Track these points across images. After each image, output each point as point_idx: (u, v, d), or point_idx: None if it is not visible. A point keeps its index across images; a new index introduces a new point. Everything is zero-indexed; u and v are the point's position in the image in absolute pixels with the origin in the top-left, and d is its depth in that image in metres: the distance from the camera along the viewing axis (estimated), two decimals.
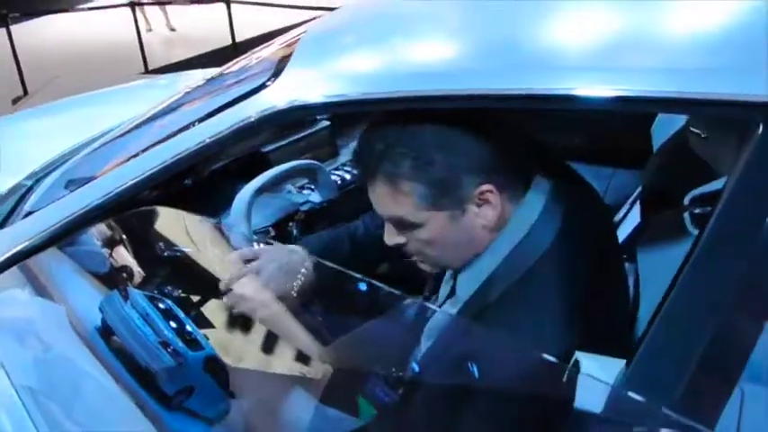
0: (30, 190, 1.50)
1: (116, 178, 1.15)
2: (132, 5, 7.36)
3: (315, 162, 1.61)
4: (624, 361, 0.77)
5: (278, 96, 1.05)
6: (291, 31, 1.44)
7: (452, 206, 0.97)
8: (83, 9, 9.10)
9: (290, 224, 1.55)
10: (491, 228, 0.99)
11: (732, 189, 0.73)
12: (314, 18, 1.87)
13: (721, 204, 0.73)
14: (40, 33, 8.44)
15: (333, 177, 1.72)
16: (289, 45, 1.24)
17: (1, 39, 6.62)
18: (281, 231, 1.53)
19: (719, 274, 0.74)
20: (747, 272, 0.73)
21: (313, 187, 1.65)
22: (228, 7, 7.26)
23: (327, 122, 2.05)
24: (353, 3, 1.55)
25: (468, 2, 1.24)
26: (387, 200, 0.99)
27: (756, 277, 0.73)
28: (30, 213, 1.30)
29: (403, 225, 1.01)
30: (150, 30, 8.75)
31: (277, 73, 1.10)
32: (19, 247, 1.20)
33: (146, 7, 8.76)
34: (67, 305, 1.32)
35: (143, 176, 1.12)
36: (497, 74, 0.96)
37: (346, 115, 1.98)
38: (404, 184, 0.96)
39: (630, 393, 0.75)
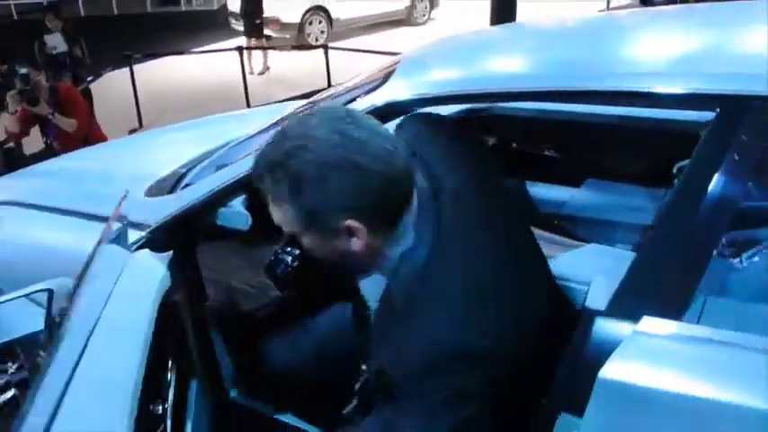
0: (184, 174, 1.92)
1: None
2: (240, 49, 8.10)
3: None
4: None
5: (378, 97, 1.44)
6: (393, 58, 1.82)
7: (322, 231, 1.06)
8: (196, 52, 9.97)
9: None
10: (367, 254, 1.08)
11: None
12: None
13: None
14: (157, 72, 9.31)
15: None
16: (391, 65, 1.63)
17: (124, 77, 7.44)
18: None
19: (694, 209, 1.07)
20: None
21: None
22: (326, 53, 7.90)
23: None
24: (446, 37, 1.94)
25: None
26: (271, 206, 1.08)
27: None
28: (188, 185, 1.73)
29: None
30: (252, 73, 9.47)
31: (381, 84, 1.49)
32: (184, 207, 1.61)
33: (252, 51, 9.56)
34: None
35: None
36: (554, 78, 1.32)
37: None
38: (281, 201, 1.04)
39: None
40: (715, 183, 1.07)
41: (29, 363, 1.97)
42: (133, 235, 1.62)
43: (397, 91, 1.44)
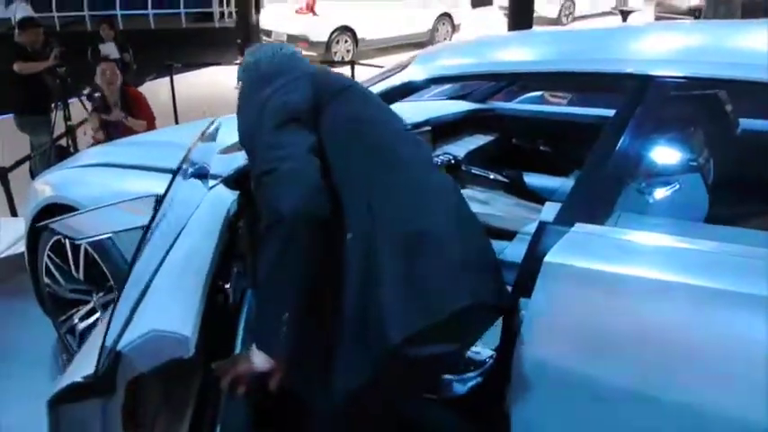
0: None
1: None
2: None
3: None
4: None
5: (396, 79, 1.95)
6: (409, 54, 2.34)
7: None
8: (234, 63, 10.58)
9: None
10: None
11: None
12: None
13: None
14: (193, 81, 9.92)
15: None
16: (408, 60, 2.15)
17: (164, 84, 8.04)
18: None
19: None
20: None
21: None
22: (352, 68, 8.46)
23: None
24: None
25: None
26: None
27: None
28: None
29: None
30: None
31: (400, 71, 2.01)
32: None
33: None
34: None
35: None
36: (552, 62, 1.86)
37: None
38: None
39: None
40: (622, 141, 1.57)
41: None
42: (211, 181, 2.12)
43: (412, 74, 1.95)
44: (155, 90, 8.51)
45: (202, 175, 2.07)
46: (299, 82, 1.58)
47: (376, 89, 1.91)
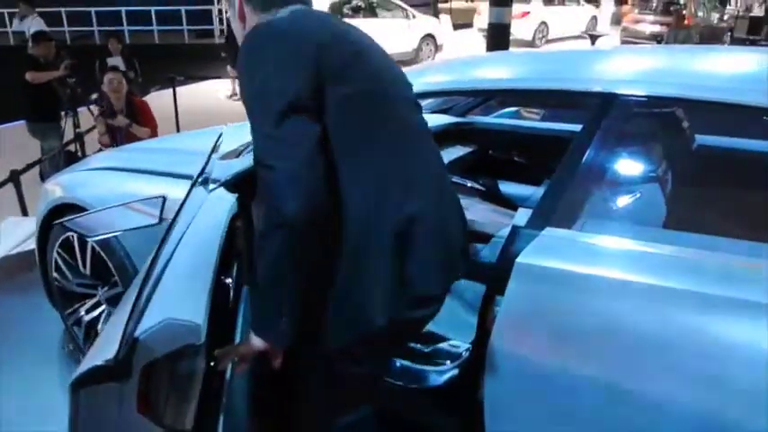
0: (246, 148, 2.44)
1: None
2: None
3: None
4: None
5: None
6: None
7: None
8: (233, 77, 10.58)
9: None
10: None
11: None
12: None
13: None
14: (194, 93, 9.90)
15: None
16: None
17: (167, 95, 8.02)
18: None
19: None
20: None
21: None
22: None
23: None
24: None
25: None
26: None
27: None
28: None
29: None
30: None
31: None
32: (246, 166, 2.13)
33: None
34: None
35: None
36: (526, 80, 1.87)
37: None
38: None
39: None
40: (588, 153, 1.60)
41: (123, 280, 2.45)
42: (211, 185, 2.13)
43: None
44: (158, 100, 8.50)
45: (204, 181, 2.08)
46: (301, 49, 1.29)
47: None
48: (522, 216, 1.66)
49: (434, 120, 3.38)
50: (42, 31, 6.67)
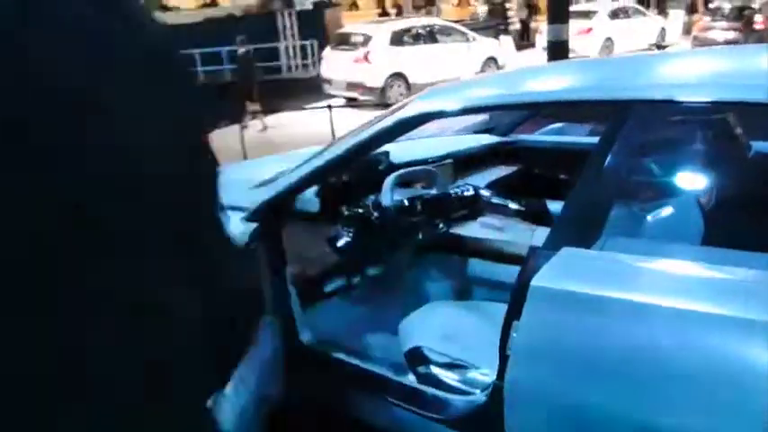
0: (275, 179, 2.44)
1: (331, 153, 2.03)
2: (329, 107, 8.84)
3: (433, 170, 2.43)
4: None
5: (413, 109, 1.90)
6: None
7: None
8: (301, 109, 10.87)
9: (417, 203, 2.34)
10: None
11: None
12: None
13: None
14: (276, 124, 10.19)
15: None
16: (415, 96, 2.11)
17: (235, 129, 8.28)
18: (411, 206, 2.33)
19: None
20: None
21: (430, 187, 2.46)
22: None
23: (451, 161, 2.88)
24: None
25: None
26: None
27: None
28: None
29: None
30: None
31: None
32: (269, 196, 2.12)
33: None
34: None
35: (343, 151, 2.00)
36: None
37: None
38: None
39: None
40: (608, 164, 1.47)
41: None
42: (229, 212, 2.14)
43: (440, 105, 1.87)
44: (226, 134, 8.78)
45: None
46: None
47: (404, 114, 1.86)
48: (541, 236, 1.55)
49: (476, 140, 3.30)
50: None
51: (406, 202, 2.30)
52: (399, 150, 2.75)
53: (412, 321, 2.19)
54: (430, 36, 13.00)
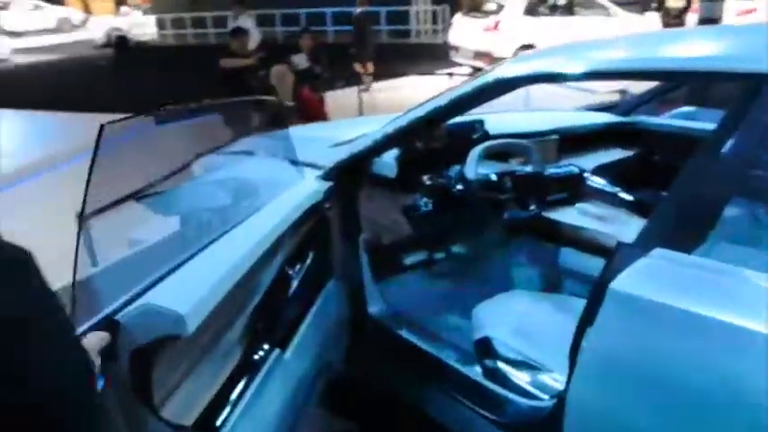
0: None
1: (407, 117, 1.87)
2: (450, 75, 8.60)
3: (529, 144, 2.19)
4: None
5: (494, 74, 1.69)
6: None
7: None
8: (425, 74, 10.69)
9: (506, 179, 2.12)
10: None
11: None
12: None
13: None
14: (382, 91, 10.11)
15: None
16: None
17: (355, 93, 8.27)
18: (498, 182, 2.11)
19: None
20: None
21: (526, 163, 2.22)
22: None
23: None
24: None
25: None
26: None
27: None
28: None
29: None
30: None
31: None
32: (345, 156, 2.00)
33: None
34: None
35: (422, 115, 1.83)
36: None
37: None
38: None
39: None
40: (727, 150, 1.19)
41: None
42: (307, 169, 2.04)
43: (558, 65, 1.61)
44: (344, 96, 8.81)
45: (293, 161, 1.99)
46: None
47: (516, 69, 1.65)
48: (633, 229, 1.31)
49: (592, 118, 2.99)
50: (239, 27, 7.20)
51: (494, 177, 2.09)
52: (498, 120, 2.53)
53: (487, 308, 2.01)
54: (567, 8, 12.22)
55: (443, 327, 2.23)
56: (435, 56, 13.04)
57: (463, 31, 12.22)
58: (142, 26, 20.45)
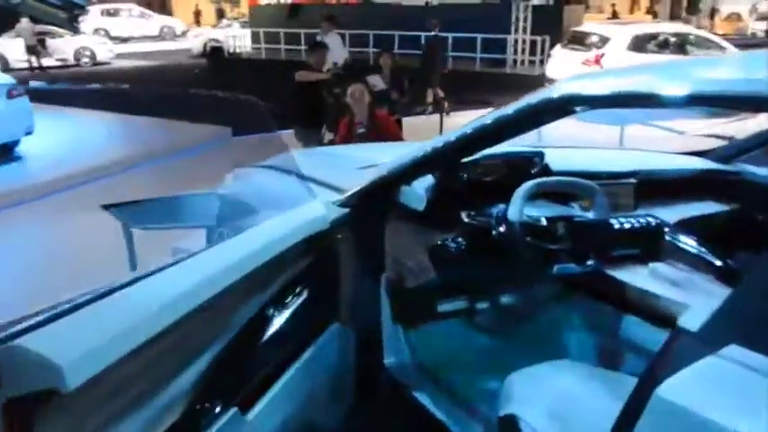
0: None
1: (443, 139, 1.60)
2: None
3: (595, 186, 1.83)
4: None
5: (559, 91, 1.39)
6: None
7: None
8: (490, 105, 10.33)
9: (560, 224, 1.78)
10: None
11: None
12: None
13: None
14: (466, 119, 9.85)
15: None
16: None
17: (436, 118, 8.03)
18: (549, 227, 1.78)
19: None
20: None
21: (588, 208, 1.87)
22: None
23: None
24: None
25: None
26: None
27: None
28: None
29: None
30: None
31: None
32: (366, 183, 1.74)
33: None
34: None
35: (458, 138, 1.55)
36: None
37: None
38: None
39: None
40: None
41: None
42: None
43: (570, 88, 1.37)
44: (426, 122, 8.61)
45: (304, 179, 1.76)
46: None
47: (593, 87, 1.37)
48: (698, 313, 0.97)
49: (682, 162, 2.59)
50: (318, 41, 7.20)
51: (544, 222, 1.76)
52: (562, 155, 2.19)
53: (522, 379, 1.68)
54: (679, 45, 11.56)
55: (469, 391, 1.91)
56: (530, 88, 12.62)
57: (561, 64, 11.79)
58: (238, 38, 21.25)
